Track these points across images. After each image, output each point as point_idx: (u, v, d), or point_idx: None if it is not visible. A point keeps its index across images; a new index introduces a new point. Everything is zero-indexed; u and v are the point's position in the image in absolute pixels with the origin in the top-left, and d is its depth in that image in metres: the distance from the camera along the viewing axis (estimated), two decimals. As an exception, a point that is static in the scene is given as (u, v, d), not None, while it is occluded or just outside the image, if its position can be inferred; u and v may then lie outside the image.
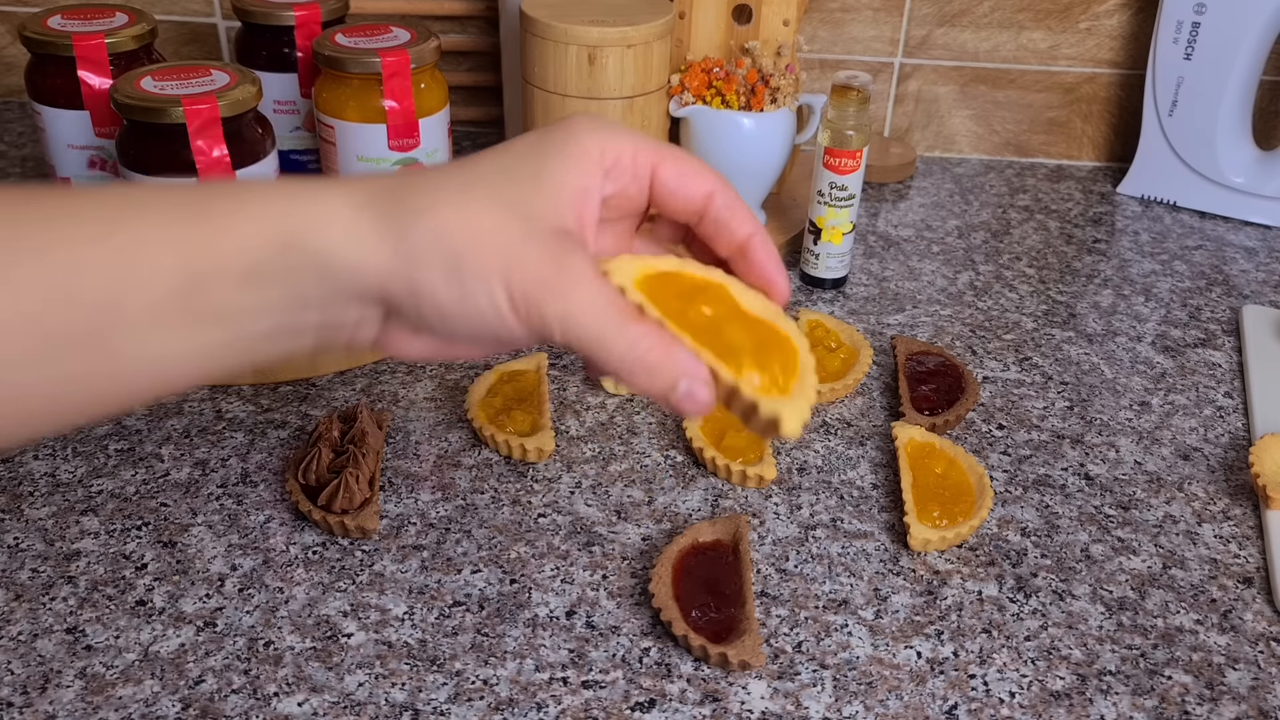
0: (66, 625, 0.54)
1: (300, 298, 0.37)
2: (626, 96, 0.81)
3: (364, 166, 0.76)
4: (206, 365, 0.37)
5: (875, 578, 0.59)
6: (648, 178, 0.42)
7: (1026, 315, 0.84)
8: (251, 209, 0.36)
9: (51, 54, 0.74)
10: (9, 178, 0.98)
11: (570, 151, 0.40)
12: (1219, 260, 0.94)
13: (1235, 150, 0.99)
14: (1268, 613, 0.58)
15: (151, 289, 0.35)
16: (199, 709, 0.50)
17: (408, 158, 0.77)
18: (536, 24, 0.80)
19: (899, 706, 0.52)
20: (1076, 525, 0.63)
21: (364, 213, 0.37)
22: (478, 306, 0.38)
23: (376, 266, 0.37)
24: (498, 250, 0.37)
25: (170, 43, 1.09)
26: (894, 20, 1.05)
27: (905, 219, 0.99)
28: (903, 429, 0.67)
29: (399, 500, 0.63)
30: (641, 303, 0.40)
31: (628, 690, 0.52)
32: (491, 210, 0.38)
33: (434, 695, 0.51)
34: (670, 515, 0.63)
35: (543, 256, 0.38)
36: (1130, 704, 0.52)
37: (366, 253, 0.37)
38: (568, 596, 0.57)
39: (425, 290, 0.37)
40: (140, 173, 0.66)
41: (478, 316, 0.38)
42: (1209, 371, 0.78)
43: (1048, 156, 1.11)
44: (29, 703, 0.50)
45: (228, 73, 0.69)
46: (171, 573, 0.58)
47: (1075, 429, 0.72)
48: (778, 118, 0.85)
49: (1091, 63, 1.06)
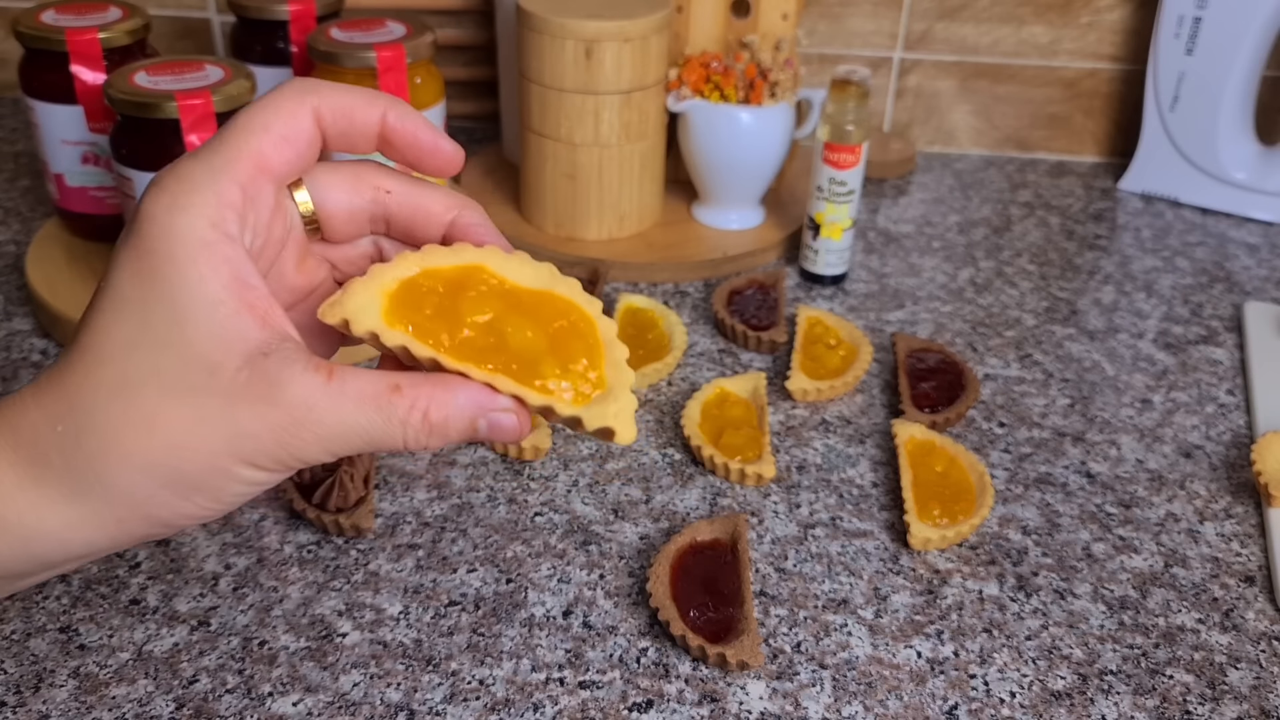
0: (60, 624, 0.54)
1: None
2: (624, 91, 0.81)
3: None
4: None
5: (875, 577, 0.59)
6: (280, 193, 0.36)
7: (1027, 312, 0.84)
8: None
9: (45, 49, 0.73)
10: (2, 174, 0.98)
11: (178, 260, 0.32)
12: (1221, 257, 0.93)
13: (1237, 146, 0.98)
14: (1270, 611, 0.58)
15: None
16: (193, 709, 0.50)
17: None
18: (533, 18, 0.79)
19: (899, 706, 0.51)
20: (1078, 524, 0.63)
21: (34, 474, 0.32)
22: (237, 495, 0.34)
23: (82, 535, 0.33)
24: (212, 440, 0.32)
25: (164, 37, 1.08)
26: (894, 14, 1.04)
27: (905, 215, 0.98)
28: (903, 427, 0.67)
29: (394, 499, 0.63)
30: (405, 343, 0.35)
31: (625, 690, 0.52)
32: (173, 404, 0.32)
33: (429, 695, 0.51)
34: (668, 514, 0.62)
35: (256, 411, 0.32)
36: (1131, 703, 0.52)
37: (62, 524, 0.33)
38: (564, 596, 0.57)
39: (168, 517, 0.33)
40: (134, 168, 0.65)
41: (244, 497, 0.34)
42: (1211, 369, 0.78)
43: (1049, 152, 1.11)
44: (22, 702, 0.50)
45: (222, 68, 0.68)
46: (165, 572, 0.57)
47: (1076, 426, 0.71)
48: (776, 112, 0.84)
49: (1093, 58, 1.05)
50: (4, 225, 0.89)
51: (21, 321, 0.77)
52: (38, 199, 0.94)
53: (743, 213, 0.90)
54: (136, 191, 0.66)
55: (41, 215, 0.91)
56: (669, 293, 0.84)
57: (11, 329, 0.76)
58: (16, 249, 0.86)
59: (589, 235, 0.87)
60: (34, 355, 0.73)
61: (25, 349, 0.74)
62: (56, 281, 0.76)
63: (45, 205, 0.93)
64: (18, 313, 0.78)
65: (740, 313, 0.79)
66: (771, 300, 0.80)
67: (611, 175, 0.85)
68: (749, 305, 0.80)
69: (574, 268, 0.82)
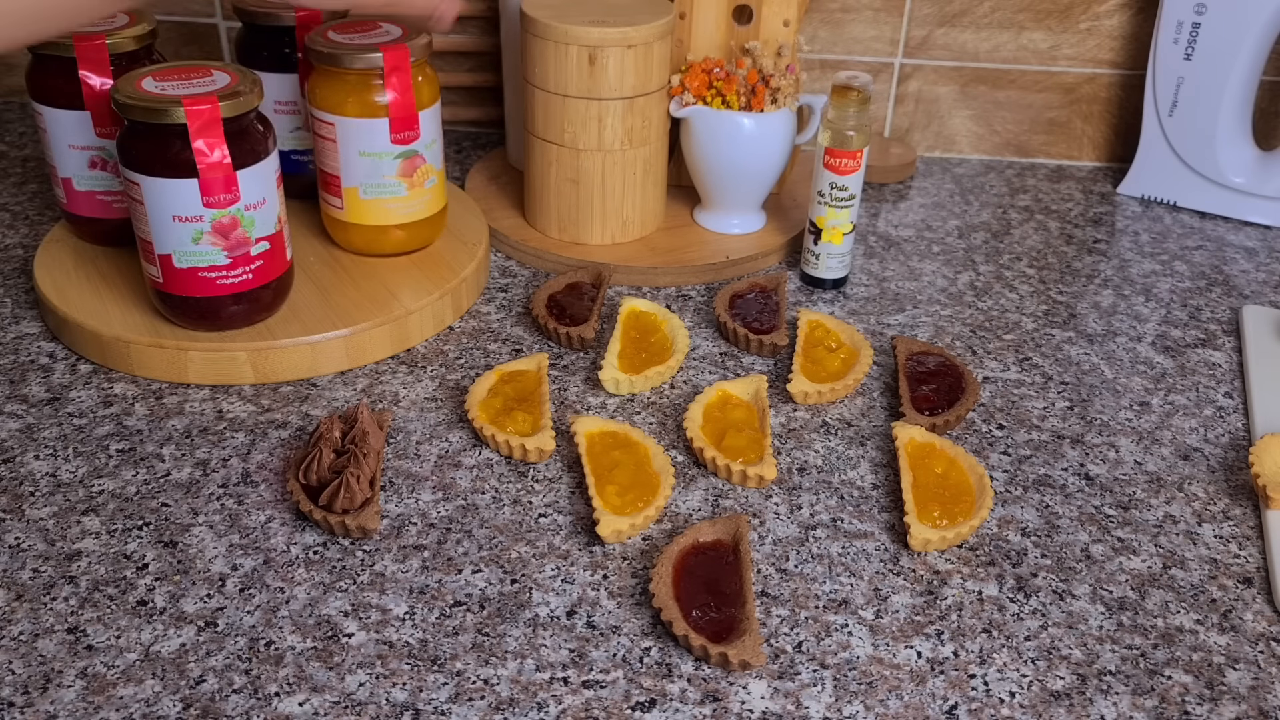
0: (68, 625, 0.54)
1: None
2: (627, 97, 0.82)
3: (365, 161, 0.77)
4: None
5: (875, 578, 0.59)
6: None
7: (1027, 315, 0.84)
8: None
9: (52, 54, 0.74)
10: (10, 178, 0.99)
11: None
12: (1219, 260, 0.94)
13: (1235, 150, 0.99)
14: (1268, 613, 0.58)
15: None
16: (200, 709, 0.50)
17: (409, 150, 0.77)
18: (537, 24, 0.80)
19: (899, 706, 0.52)
20: (1076, 525, 0.63)
21: None
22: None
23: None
24: None
25: (171, 43, 1.09)
26: (894, 20, 1.05)
27: (905, 219, 0.99)
28: (903, 429, 0.67)
29: (400, 500, 0.63)
30: None
31: (628, 690, 0.52)
32: None
33: (435, 695, 0.51)
34: (670, 515, 0.63)
35: None
36: (1130, 704, 0.52)
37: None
38: (568, 596, 0.57)
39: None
40: (141, 173, 0.66)
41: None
42: (1209, 372, 0.78)
43: (1048, 157, 1.11)
44: (30, 702, 0.50)
45: (228, 73, 0.69)
46: (172, 573, 0.58)
47: (1075, 429, 0.72)
48: (778, 118, 0.85)
49: (1092, 63, 1.06)
50: (12, 229, 0.90)
51: (30, 325, 0.77)
52: (45, 203, 0.94)
53: (744, 217, 0.91)
54: (144, 197, 0.67)
55: (49, 219, 0.92)
56: (671, 296, 0.85)
57: (20, 332, 0.77)
58: (25, 253, 0.86)
59: (592, 239, 0.88)
60: (42, 358, 0.74)
61: (34, 352, 0.75)
62: (64, 285, 0.76)
63: (53, 209, 0.93)
64: (26, 316, 0.78)
65: (742, 316, 0.79)
66: (773, 304, 0.81)
67: (615, 180, 0.85)
68: (751, 309, 0.80)
69: (578, 272, 0.83)
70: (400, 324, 0.75)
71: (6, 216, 0.92)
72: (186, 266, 0.69)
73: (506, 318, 0.81)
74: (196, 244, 0.68)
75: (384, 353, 0.75)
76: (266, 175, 0.69)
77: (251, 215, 0.69)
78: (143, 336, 0.71)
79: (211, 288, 0.70)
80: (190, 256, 0.68)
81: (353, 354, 0.74)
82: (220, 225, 0.67)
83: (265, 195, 0.69)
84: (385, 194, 0.78)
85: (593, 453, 0.65)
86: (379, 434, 0.65)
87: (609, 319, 0.81)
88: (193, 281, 0.69)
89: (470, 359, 0.76)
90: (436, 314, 0.78)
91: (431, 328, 0.78)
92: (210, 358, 0.71)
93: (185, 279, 0.69)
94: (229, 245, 0.68)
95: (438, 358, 0.76)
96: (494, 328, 0.80)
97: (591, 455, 0.64)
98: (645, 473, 0.63)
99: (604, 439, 0.66)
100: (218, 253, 0.68)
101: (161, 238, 0.68)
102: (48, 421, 0.68)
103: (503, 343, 0.78)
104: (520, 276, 0.87)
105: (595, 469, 0.63)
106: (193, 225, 0.67)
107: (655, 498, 0.62)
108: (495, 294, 0.84)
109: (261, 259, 0.70)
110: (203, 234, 0.67)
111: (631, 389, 0.73)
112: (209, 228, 0.67)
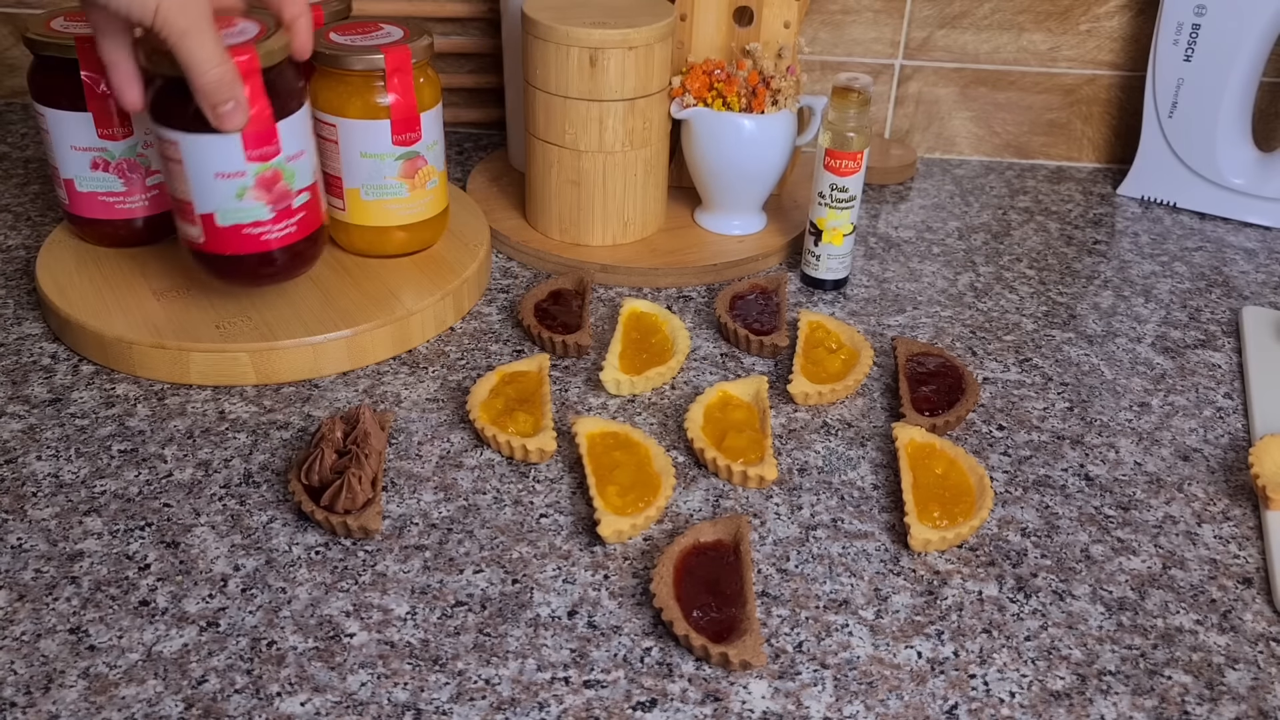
0: (70, 625, 0.54)
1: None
2: (628, 98, 0.82)
3: (367, 162, 0.77)
4: None
5: (876, 578, 0.59)
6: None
7: (1026, 316, 0.84)
8: None
9: (54, 56, 0.74)
10: (12, 180, 0.99)
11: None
12: (1219, 261, 0.94)
13: (1235, 151, 0.99)
14: (1267, 613, 0.58)
15: None
16: (202, 709, 0.50)
17: (410, 151, 0.77)
18: (538, 26, 0.80)
19: (899, 706, 0.52)
20: (1076, 526, 0.64)
21: None
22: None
23: None
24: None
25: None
26: (894, 22, 1.05)
27: (906, 220, 0.99)
28: (903, 430, 0.67)
29: (401, 500, 0.63)
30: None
31: (629, 690, 0.52)
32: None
33: (436, 695, 0.52)
34: (671, 515, 0.63)
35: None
36: (1130, 704, 0.53)
37: None
38: (569, 596, 0.57)
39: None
40: (180, 131, 0.64)
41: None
42: (1209, 372, 0.78)
43: (1048, 158, 1.12)
44: (32, 703, 0.50)
45: (255, 22, 0.66)
46: (174, 573, 0.58)
47: (1075, 430, 0.72)
48: (779, 119, 0.85)
49: (1092, 64, 1.06)
50: (14, 230, 0.90)
51: (32, 326, 0.78)
52: (47, 204, 0.95)
53: (745, 218, 0.91)
54: (183, 155, 0.64)
55: (51, 220, 0.92)
56: (672, 297, 0.85)
57: (22, 333, 0.77)
58: (27, 254, 0.87)
59: (593, 241, 0.88)
60: (44, 359, 0.74)
61: (36, 353, 0.75)
62: (66, 286, 0.76)
63: (55, 211, 0.93)
64: (28, 317, 0.79)
65: (742, 317, 0.80)
66: (773, 305, 0.81)
67: (616, 181, 0.85)
68: (751, 310, 0.80)
69: (559, 279, 0.83)
70: (402, 325, 0.76)
71: (9, 218, 0.92)
72: (230, 224, 0.67)
73: (508, 319, 0.81)
74: (240, 200, 0.66)
75: (385, 353, 0.76)
76: (303, 125, 0.68)
77: (293, 167, 0.67)
78: (145, 337, 0.71)
79: (256, 244, 0.68)
80: (234, 214, 0.67)
81: (354, 355, 0.74)
82: (263, 179, 0.66)
83: (303, 146, 0.68)
84: (387, 195, 0.79)
85: (594, 453, 0.65)
86: (381, 435, 0.65)
87: (609, 320, 0.81)
88: (236, 239, 0.68)
89: (471, 360, 0.76)
90: (438, 315, 0.78)
91: (433, 329, 0.78)
92: (212, 358, 0.71)
93: (229, 237, 0.68)
94: (273, 199, 0.67)
95: (439, 358, 0.76)
96: (495, 329, 0.80)
97: (592, 456, 0.64)
98: (646, 473, 0.63)
99: (605, 439, 0.66)
100: (261, 207, 0.67)
101: (203, 196, 0.66)
102: (50, 422, 0.68)
103: (504, 344, 0.78)
104: (521, 278, 0.87)
105: (596, 469, 0.64)
106: (236, 181, 0.65)
107: (656, 498, 0.62)
108: (496, 295, 0.84)
109: (304, 210, 0.69)
110: (246, 189, 0.66)
111: (632, 390, 0.73)
112: (252, 182, 0.66)
